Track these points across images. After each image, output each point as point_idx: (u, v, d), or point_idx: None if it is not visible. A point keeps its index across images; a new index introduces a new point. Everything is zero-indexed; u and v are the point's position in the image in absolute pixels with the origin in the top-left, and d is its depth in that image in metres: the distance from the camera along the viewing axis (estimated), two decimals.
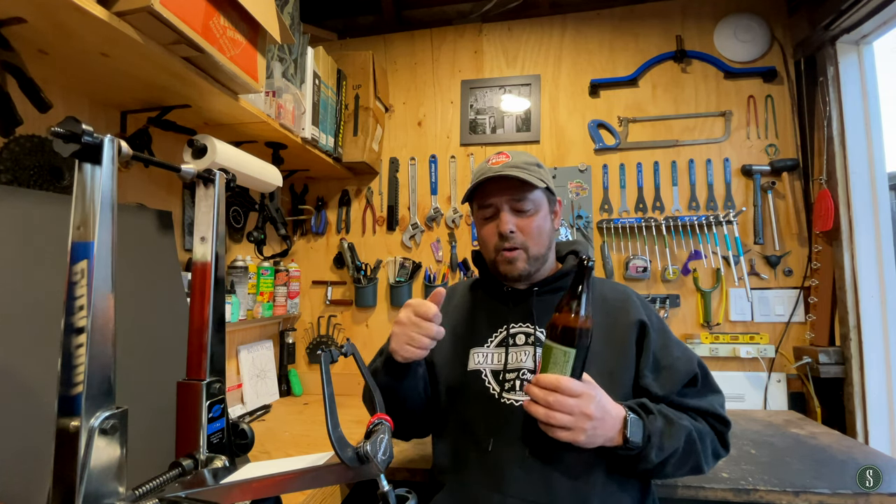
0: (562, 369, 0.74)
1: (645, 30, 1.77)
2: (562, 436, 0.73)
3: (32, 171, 0.92)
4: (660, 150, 1.73)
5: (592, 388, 0.75)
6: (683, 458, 0.80)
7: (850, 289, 1.47)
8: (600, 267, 1.72)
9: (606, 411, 0.75)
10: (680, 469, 0.81)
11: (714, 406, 0.86)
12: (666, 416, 0.80)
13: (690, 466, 0.82)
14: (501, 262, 0.92)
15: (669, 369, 0.87)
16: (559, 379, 0.73)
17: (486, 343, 0.94)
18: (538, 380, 0.74)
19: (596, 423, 0.73)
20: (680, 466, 0.81)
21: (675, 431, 0.79)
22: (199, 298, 0.67)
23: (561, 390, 0.72)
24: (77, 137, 0.47)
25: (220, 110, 1.12)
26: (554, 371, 0.74)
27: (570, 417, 0.72)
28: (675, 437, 0.78)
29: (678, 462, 0.80)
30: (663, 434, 0.78)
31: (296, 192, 1.95)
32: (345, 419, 1.11)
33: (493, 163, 0.93)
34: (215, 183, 0.70)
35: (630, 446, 0.76)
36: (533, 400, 0.74)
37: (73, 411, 0.46)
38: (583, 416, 0.72)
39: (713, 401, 0.87)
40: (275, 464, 0.64)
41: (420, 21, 1.97)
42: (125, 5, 0.74)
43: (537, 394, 0.74)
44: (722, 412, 0.86)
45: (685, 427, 0.80)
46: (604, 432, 0.75)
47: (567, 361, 0.74)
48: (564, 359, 0.74)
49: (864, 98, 1.51)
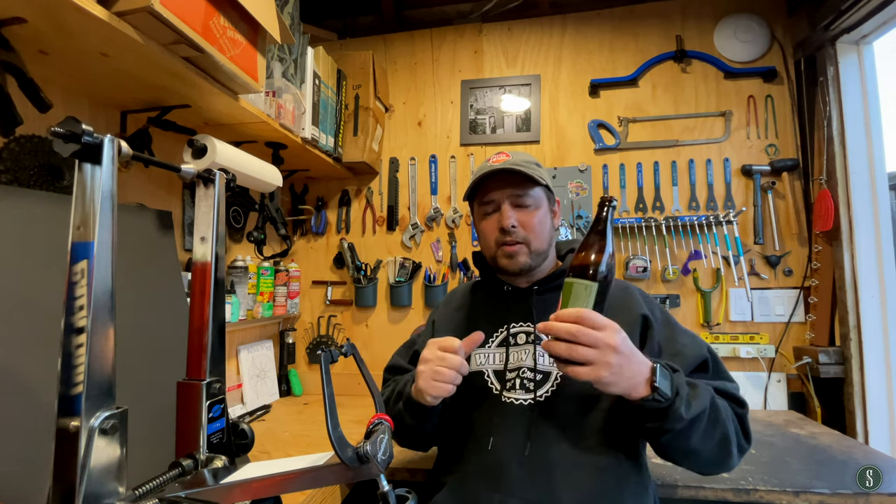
0: (584, 304, 0.68)
1: (645, 30, 1.77)
2: (582, 372, 0.66)
3: (32, 171, 0.92)
4: (660, 150, 1.73)
5: (616, 324, 0.69)
6: (710, 424, 0.73)
7: (850, 289, 1.47)
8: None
9: (633, 351, 0.69)
10: (708, 439, 0.74)
11: (728, 388, 0.82)
12: (689, 381, 0.75)
13: (718, 440, 0.74)
14: (502, 257, 0.92)
15: (677, 355, 0.84)
16: (581, 310, 0.67)
17: (487, 344, 0.94)
18: (559, 314, 0.69)
19: (622, 359, 0.66)
20: (708, 435, 0.74)
21: (700, 393, 0.73)
22: (199, 298, 0.67)
23: (583, 321, 0.66)
24: (77, 137, 0.47)
25: (220, 110, 1.12)
26: (575, 306, 0.69)
27: (593, 351, 0.65)
28: (701, 398, 0.72)
29: (706, 429, 0.73)
30: (690, 393, 0.72)
31: (296, 192, 1.95)
32: (345, 419, 1.11)
33: (494, 161, 0.94)
34: (215, 183, 0.70)
35: (659, 396, 0.68)
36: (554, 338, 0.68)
37: (73, 411, 0.46)
38: (608, 349, 0.65)
39: (727, 384, 0.83)
40: (275, 464, 0.64)
41: (420, 21, 1.97)
42: (125, 5, 0.74)
43: (558, 328, 0.67)
44: (737, 394, 0.81)
45: (709, 390, 0.75)
46: (630, 374, 0.68)
47: (589, 295, 0.68)
48: (586, 293, 0.68)
49: (864, 98, 1.51)
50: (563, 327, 0.67)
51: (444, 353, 0.79)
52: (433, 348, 0.81)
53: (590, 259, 0.69)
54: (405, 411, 0.86)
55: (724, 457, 0.76)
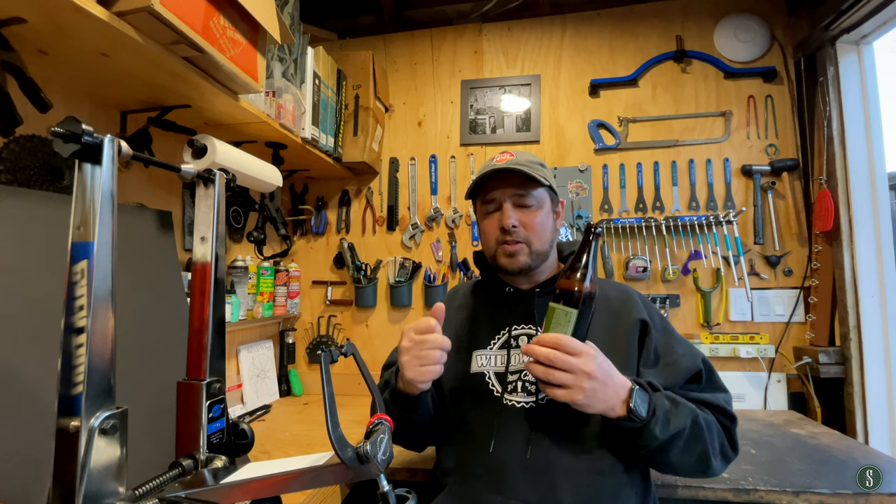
0: (563, 329, 0.74)
1: (645, 30, 1.77)
2: (559, 394, 0.72)
3: (32, 171, 0.92)
4: (660, 150, 1.73)
5: (594, 350, 0.74)
6: (689, 442, 0.76)
7: (850, 289, 1.47)
8: (601, 267, 1.72)
9: (609, 375, 0.73)
10: (686, 455, 0.77)
11: (719, 401, 0.84)
12: (672, 398, 0.78)
13: (697, 455, 0.78)
14: (502, 256, 0.92)
15: (672, 365, 0.86)
16: (559, 336, 0.72)
17: (488, 345, 0.94)
18: (539, 338, 0.74)
19: (596, 384, 0.71)
20: (686, 452, 0.77)
21: (681, 412, 0.76)
22: (199, 298, 0.67)
23: (561, 347, 0.71)
24: (77, 137, 0.47)
25: (220, 110, 1.12)
26: (556, 331, 0.74)
27: (569, 375, 0.71)
28: (682, 417, 0.76)
29: (684, 446, 0.76)
30: (669, 412, 0.75)
31: (296, 192, 1.95)
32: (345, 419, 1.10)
33: (498, 160, 0.93)
34: (215, 183, 0.70)
35: (634, 417, 0.73)
36: (535, 361, 0.73)
37: (73, 411, 0.46)
38: (583, 375, 0.70)
39: (719, 396, 0.85)
40: (275, 464, 0.64)
41: (420, 21, 1.97)
42: (125, 5, 0.74)
43: (537, 351, 0.72)
44: (728, 407, 0.84)
45: (691, 409, 0.78)
46: (604, 396, 0.72)
47: (569, 322, 0.73)
48: (566, 319, 0.73)
49: (864, 98, 1.51)
50: (542, 352, 0.72)
51: (422, 335, 0.79)
52: (409, 335, 0.81)
53: (573, 286, 0.74)
54: (392, 402, 0.86)
55: (704, 469, 0.80)
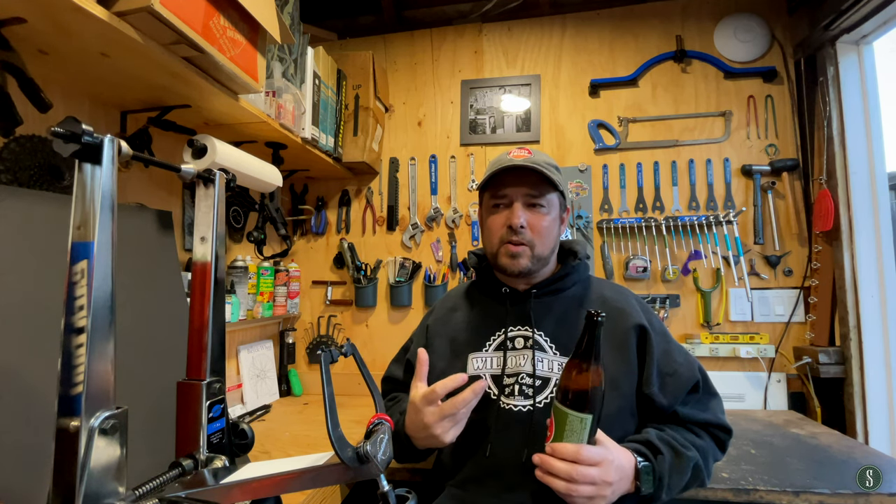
0: (579, 437, 0.70)
1: (645, 30, 1.77)
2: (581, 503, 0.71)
3: (32, 171, 0.92)
4: (660, 150, 1.73)
5: (608, 451, 0.73)
6: (688, 485, 0.82)
7: (850, 289, 1.47)
8: (600, 267, 1.72)
9: (623, 470, 0.75)
10: (683, 492, 0.84)
11: (717, 416, 0.87)
12: (673, 449, 0.80)
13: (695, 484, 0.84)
14: (504, 255, 0.91)
15: (673, 377, 0.87)
16: (578, 449, 0.70)
17: (484, 347, 0.93)
18: (555, 450, 0.71)
19: (615, 486, 0.73)
20: (684, 490, 0.83)
21: (683, 465, 0.80)
22: (199, 298, 0.67)
23: (581, 461, 0.69)
24: (77, 137, 0.47)
25: (220, 110, 1.12)
26: (571, 440, 0.70)
27: (592, 487, 0.70)
28: (684, 471, 0.80)
29: (682, 489, 0.82)
30: (672, 471, 0.79)
31: (296, 192, 1.95)
32: (345, 419, 1.11)
33: (515, 156, 0.91)
34: (215, 183, 0.70)
35: (643, 495, 0.77)
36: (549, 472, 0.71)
37: (73, 411, 0.46)
38: (604, 484, 0.71)
39: (715, 408, 0.88)
40: (275, 464, 0.64)
41: (420, 21, 1.97)
42: (125, 5, 0.74)
43: (559, 467, 0.70)
44: (724, 421, 0.87)
45: (692, 458, 0.80)
46: (621, 490, 0.75)
47: (584, 428, 0.70)
48: (581, 426, 0.70)
49: (864, 98, 1.51)
50: (563, 468, 0.69)
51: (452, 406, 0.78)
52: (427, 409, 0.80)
53: (586, 385, 0.69)
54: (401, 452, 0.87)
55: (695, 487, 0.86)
